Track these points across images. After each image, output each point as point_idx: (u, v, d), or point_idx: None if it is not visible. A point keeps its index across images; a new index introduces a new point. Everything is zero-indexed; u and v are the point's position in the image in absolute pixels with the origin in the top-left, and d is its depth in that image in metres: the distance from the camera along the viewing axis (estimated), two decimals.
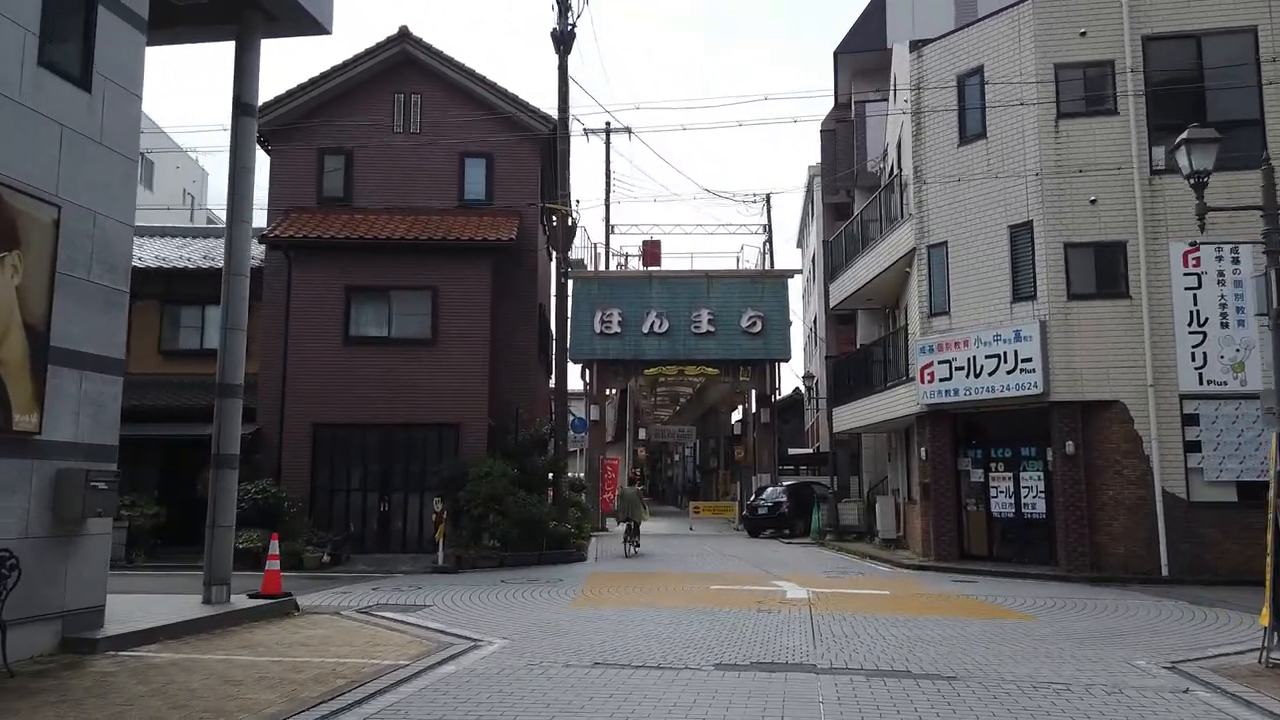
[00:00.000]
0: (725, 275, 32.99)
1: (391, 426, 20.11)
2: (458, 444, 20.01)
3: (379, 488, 20.16)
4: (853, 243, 24.69)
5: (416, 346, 20.25)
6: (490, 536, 18.86)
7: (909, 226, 19.81)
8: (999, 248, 18.06)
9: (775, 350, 31.95)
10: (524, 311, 21.57)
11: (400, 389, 19.96)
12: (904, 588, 15.10)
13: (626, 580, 15.82)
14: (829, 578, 16.48)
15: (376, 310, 20.43)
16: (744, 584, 15.11)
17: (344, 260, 20.27)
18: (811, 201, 42.08)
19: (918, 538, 20.23)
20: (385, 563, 18.67)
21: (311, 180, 21.43)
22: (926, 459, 19.19)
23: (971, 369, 18.08)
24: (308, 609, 12.04)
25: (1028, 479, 18.13)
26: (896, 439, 23.79)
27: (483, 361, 20.24)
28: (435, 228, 20.60)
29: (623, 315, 32.00)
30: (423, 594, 13.78)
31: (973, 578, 16.81)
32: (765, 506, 28.35)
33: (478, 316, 20.35)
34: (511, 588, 14.63)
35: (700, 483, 55.70)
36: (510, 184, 21.73)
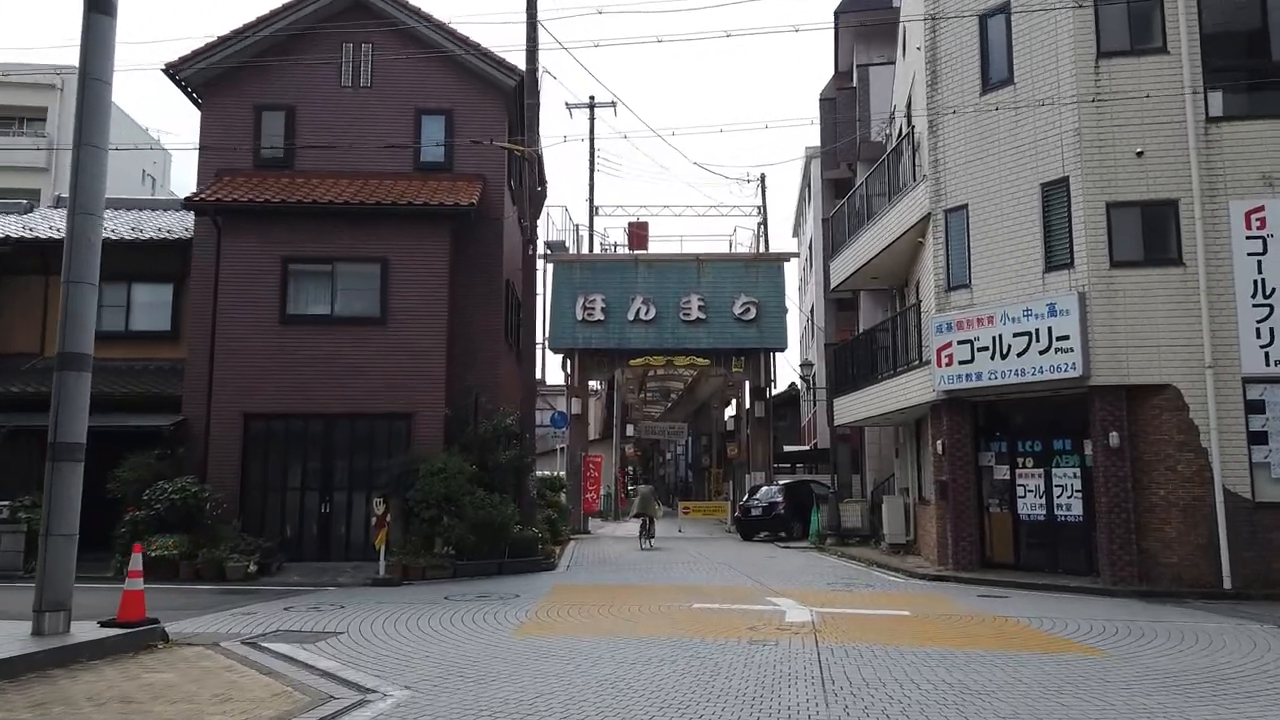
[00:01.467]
0: (717, 259, 30.36)
1: (335, 417, 17.46)
2: (410, 437, 17.35)
3: (320, 487, 17.49)
4: (855, 218, 22.12)
5: (364, 326, 17.59)
6: (444, 543, 16.23)
7: (923, 189, 17.20)
8: (1029, 209, 15.46)
9: (770, 339, 29.31)
10: (489, 288, 18.93)
11: (345, 374, 17.31)
12: (925, 605, 12.49)
13: (594, 595, 13.20)
14: (834, 592, 13.87)
15: (318, 285, 17.76)
16: (734, 601, 12.50)
17: (281, 228, 17.60)
18: (808, 186, 39.54)
19: (931, 543, 17.64)
20: (323, 573, 16.01)
21: (247, 140, 18.73)
22: (943, 453, 16.58)
23: (997, 349, 15.47)
24: (184, 638, 9.41)
25: (1061, 476, 15.53)
26: (905, 432, 21.18)
27: (439, 343, 17.60)
28: (386, 192, 17.96)
29: (606, 302, 29.36)
30: (343, 615, 11.15)
31: (1001, 591, 14.21)
32: (759, 507, 25.72)
33: (434, 293, 17.70)
34: (455, 606, 12.00)
35: (692, 482, 53.06)
36: (473, 146, 19.08)
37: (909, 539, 20.03)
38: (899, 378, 18.42)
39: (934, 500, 17.23)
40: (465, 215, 17.80)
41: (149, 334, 19.23)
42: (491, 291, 18.98)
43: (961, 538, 16.22)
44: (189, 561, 15.56)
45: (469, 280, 18.74)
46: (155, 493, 16.09)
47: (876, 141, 24.11)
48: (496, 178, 19.13)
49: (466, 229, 18.41)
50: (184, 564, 15.54)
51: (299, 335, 17.46)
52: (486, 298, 18.88)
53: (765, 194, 33.79)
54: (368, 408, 17.39)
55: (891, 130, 22.45)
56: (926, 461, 18.92)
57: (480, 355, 18.64)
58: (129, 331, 19.24)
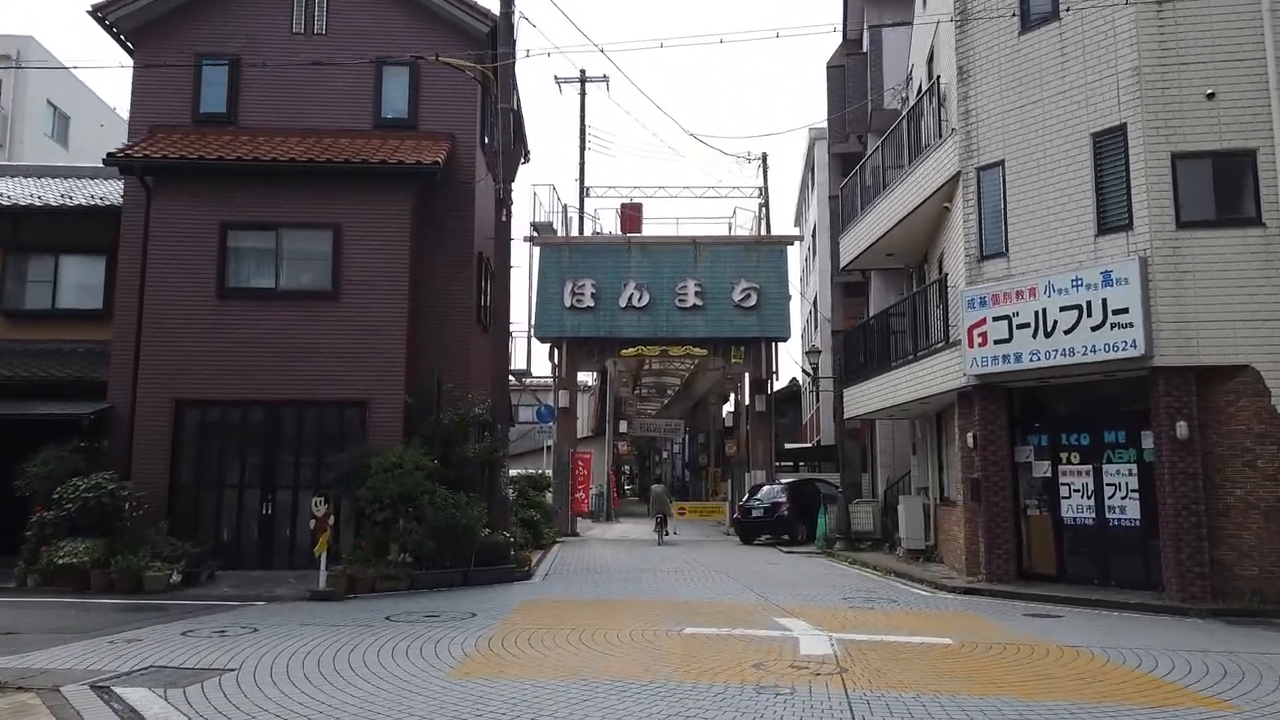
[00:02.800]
0: (715, 242, 28.02)
1: (279, 404, 15.13)
2: (365, 427, 15.04)
3: (262, 484, 15.14)
4: (867, 191, 19.81)
5: (313, 301, 15.27)
6: (400, 549, 13.91)
7: (951, 145, 14.89)
8: (1078, 163, 13.16)
9: (772, 327, 26.97)
10: (458, 261, 16.60)
11: (292, 356, 14.99)
12: (967, 629, 10.17)
13: (567, 615, 10.87)
14: (853, 610, 11.55)
15: (261, 254, 15.43)
16: (734, 622, 10.18)
17: (220, 189, 15.27)
18: (811, 172, 37.26)
19: (958, 549, 15.33)
20: (259, 584, 13.69)
21: (187, 94, 16.40)
22: (975, 447, 14.27)
23: (1040, 325, 13.16)
24: (24, 677, 7.11)
25: (1115, 474, 13.22)
26: (925, 426, 18.86)
27: (399, 321, 15.28)
28: (341, 150, 15.63)
29: (597, 287, 27.02)
30: (248, 644, 8.82)
31: (1051, 608, 11.89)
32: (761, 508, 23.38)
33: (394, 264, 15.38)
34: (392, 631, 9.68)
35: (689, 481, 50.73)
36: (441, 101, 16.75)
37: (929, 544, 17.71)
38: (920, 363, 16.11)
39: (962, 501, 14.93)
40: (429, 176, 15.49)
41: (79, 312, 16.88)
42: (461, 264, 16.65)
43: (996, 544, 13.90)
44: (102, 570, 13.22)
45: (435, 251, 16.43)
46: (67, 491, 13.79)
47: (890, 110, 21.78)
48: (467, 137, 16.81)
49: (432, 193, 16.11)
50: (96, 573, 13.20)
51: (239, 311, 15.14)
52: (455, 271, 16.56)
53: (767, 174, 31.45)
54: (317, 394, 15.08)
55: (909, 93, 20.14)
56: (950, 458, 16.62)
57: (448, 336, 16.32)
58: (56, 310, 16.96)
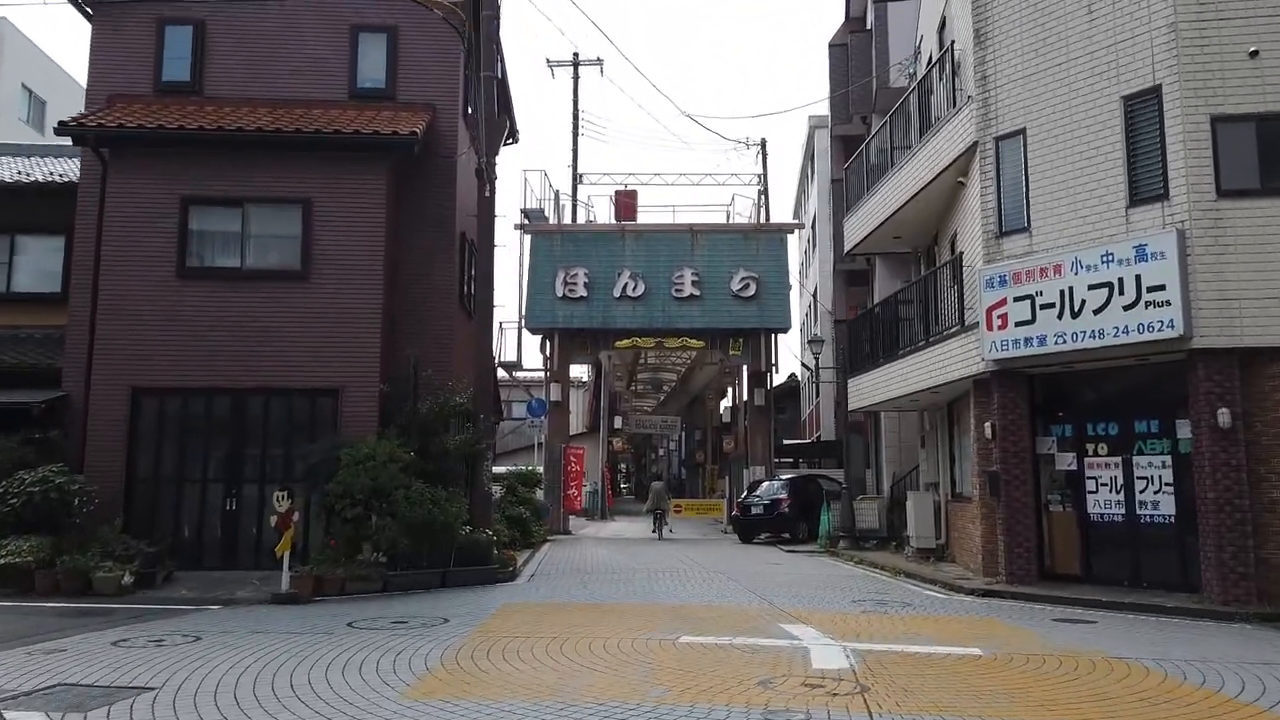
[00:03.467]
0: (713, 230, 26.93)
1: (245, 392, 14.03)
2: (338, 417, 13.94)
3: (226, 478, 14.04)
4: (873, 172, 18.75)
5: (282, 282, 14.16)
6: (373, 548, 12.81)
7: (967, 115, 13.80)
8: (1107, 129, 12.08)
9: (772, 318, 25.90)
10: (439, 241, 15.49)
11: (258, 341, 13.89)
12: (993, 636, 9.08)
13: (549, 621, 9.77)
14: (865, 615, 10.46)
15: (226, 232, 14.32)
16: (736, 630, 9.08)
17: (181, 162, 14.16)
18: (811, 162, 36.19)
19: (973, 548, 14.25)
20: (219, 585, 12.58)
21: (149, 62, 15.28)
22: (993, 438, 13.19)
23: (1066, 305, 12.07)
24: None
25: (1146, 466, 12.14)
26: (935, 417, 17.77)
27: (374, 304, 14.18)
28: (312, 121, 14.52)
29: (590, 277, 25.94)
30: (183, 656, 7.72)
31: (1081, 612, 10.81)
32: (761, 505, 22.28)
33: (369, 242, 14.27)
34: (352, 640, 8.57)
35: (686, 479, 49.64)
36: (420, 71, 15.64)
37: (939, 543, 16.62)
38: (932, 349, 15.02)
39: (978, 497, 13.84)
40: (407, 148, 14.38)
41: (36, 296, 15.79)
42: (442, 245, 15.54)
43: (1016, 543, 12.82)
44: (47, 570, 12.09)
45: (414, 230, 15.32)
46: (12, 485, 12.67)
47: (896, 88, 20.72)
48: (449, 109, 15.69)
49: (411, 168, 15.01)
50: (40, 574, 12.06)
51: (202, 292, 14.03)
52: (435, 252, 15.45)
53: (766, 161, 30.33)
54: (286, 381, 13.97)
55: (916, 67, 19.06)
56: (964, 450, 15.55)
57: (428, 320, 15.20)
58: (10, 293, 15.85)
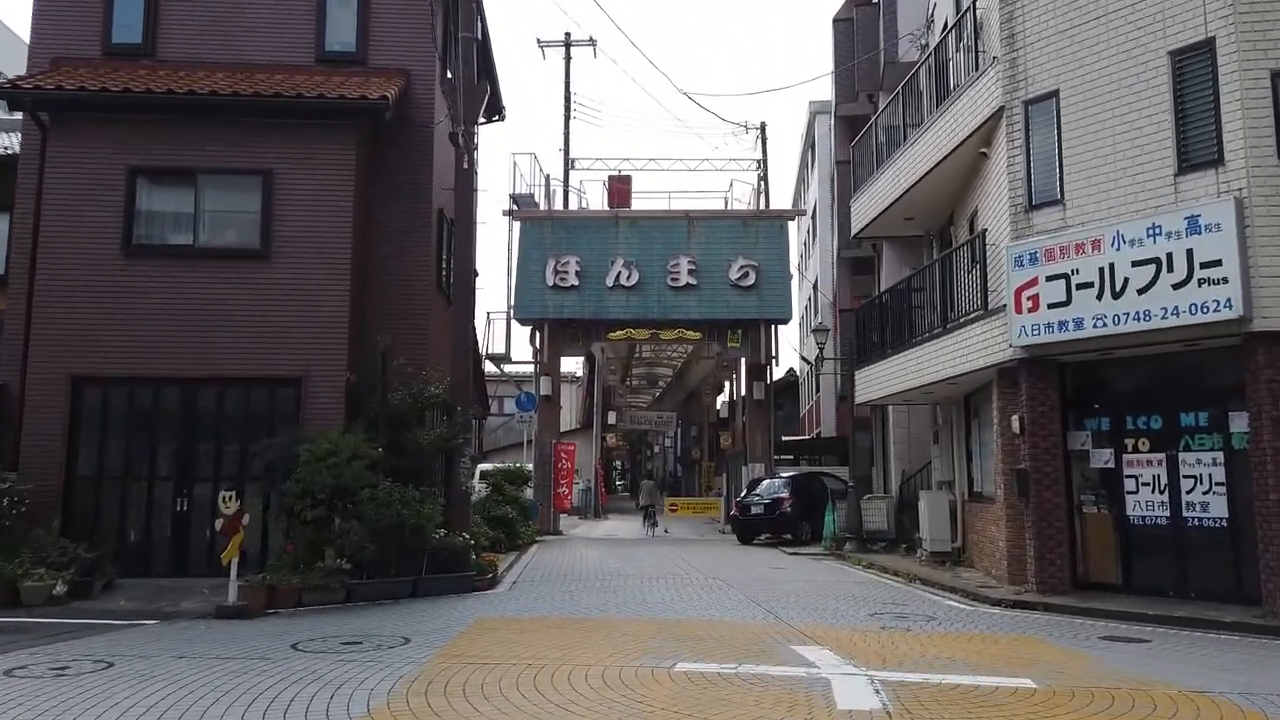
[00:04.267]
0: (710, 216, 25.64)
1: (198, 383, 12.71)
2: (301, 410, 12.63)
3: (176, 476, 12.71)
4: (881, 150, 17.48)
5: (240, 261, 12.86)
6: (336, 554, 11.50)
7: (992, 77, 12.51)
8: (1152, 88, 10.79)
9: (772, 308, 24.63)
10: (413, 218, 14.17)
11: (213, 326, 12.58)
12: (1041, 660, 7.80)
13: (525, 641, 8.48)
14: (887, 633, 9.17)
15: (178, 206, 12.99)
16: (740, 654, 7.80)
17: (128, 130, 12.83)
18: (811, 149, 34.94)
19: (997, 553, 12.98)
20: (165, 595, 11.28)
21: (96, 21, 13.93)
22: (1021, 433, 11.91)
23: (1106, 284, 10.79)
24: None
25: (1194, 464, 10.87)
26: (950, 411, 16.48)
27: (341, 285, 12.87)
28: (274, 86, 13.19)
29: (582, 265, 24.65)
30: (82, 688, 6.42)
31: (1129, 628, 9.54)
32: (761, 504, 21.00)
33: (336, 218, 12.97)
34: (291, 666, 7.27)
35: (681, 476, 48.36)
36: (394, 33, 14.31)
37: (955, 546, 15.35)
38: (950, 337, 13.73)
39: (1002, 497, 12.56)
40: (377, 114, 13.06)
41: None
42: (417, 222, 14.22)
43: (1048, 548, 11.55)
44: None
45: (387, 207, 14.01)
46: None
47: (905, 63, 19.42)
48: (425, 74, 14.36)
49: (383, 138, 13.70)
50: None
51: (151, 272, 12.70)
52: (410, 230, 14.13)
53: (766, 145, 29.05)
54: (243, 370, 12.66)
55: (929, 37, 17.77)
56: (984, 446, 14.29)
57: (402, 304, 13.89)
58: None
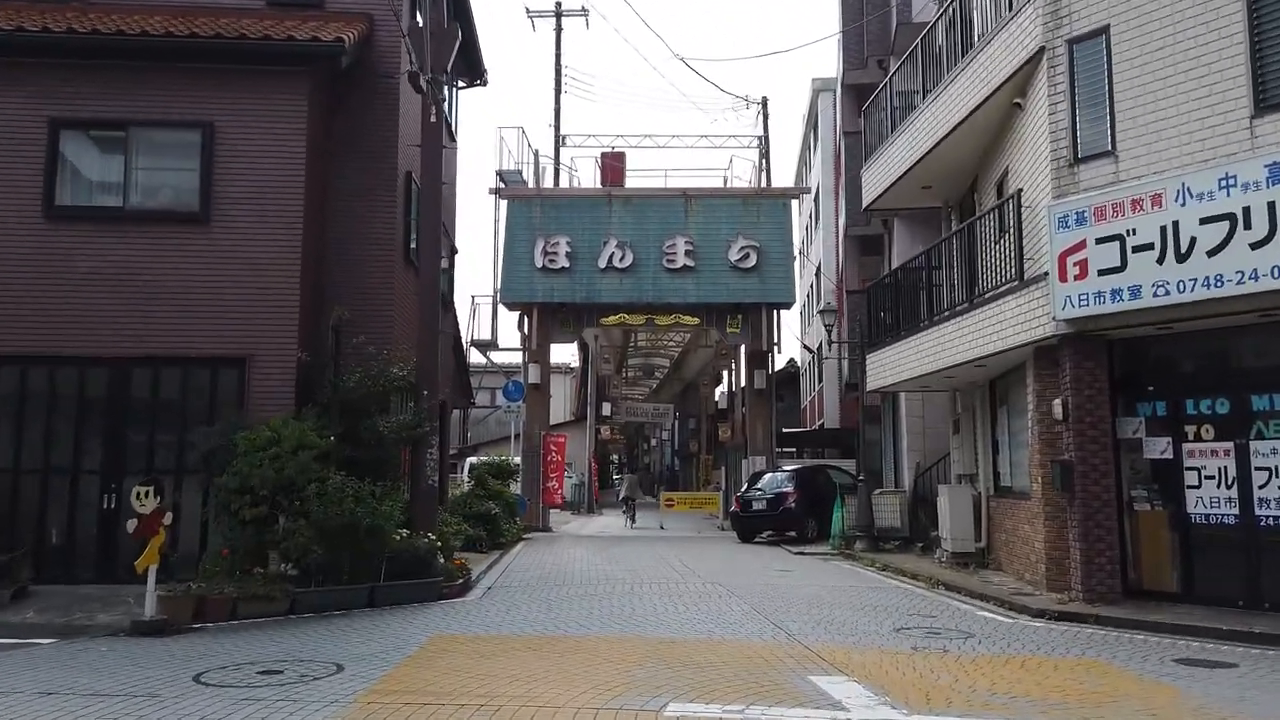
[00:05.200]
0: (709, 194, 24.14)
1: (129, 362, 11.17)
2: (245, 393, 11.10)
3: (104, 469, 11.18)
4: (895, 114, 15.94)
5: (177, 226, 11.31)
6: (281, 557, 9.98)
7: (1030, 14, 10.93)
8: (1221, 18, 9.25)
9: (774, 291, 23.14)
10: (377, 180, 12.62)
11: (146, 297, 11.06)
12: (1123, 696, 6.28)
13: (486, 667, 6.96)
14: (921, 655, 7.65)
15: (106, 163, 11.47)
16: (747, 686, 6.27)
17: (51, 77, 11.28)
18: (814, 128, 33.39)
19: (1031, 555, 11.46)
20: (86, 603, 9.77)
21: None
22: (1065, 419, 10.38)
23: (1170, 246, 9.25)
24: None
25: (1269, 453, 9.33)
26: (973, 397, 14.94)
27: (292, 253, 11.33)
28: (214, 26, 11.63)
29: (572, 246, 23.16)
30: None
31: (1200, 645, 8.02)
32: (764, 499, 19.48)
33: (286, 178, 11.42)
34: (182, 707, 5.74)
35: (679, 470, 46.86)
36: None
37: (979, 546, 13.84)
38: (978, 313, 12.18)
39: (1039, 492, 11.04)
40: (332, 60, 11.51)
41: None
42: (381, 185, 12.67)
43: (1097, 551, 10.02)
44: None
45: (347, 167, 12.48)
46: None
47: (919, 23, 17.86)
48: (390, 19, 12.75)
49: (342, 90, 12.16)
50: None
51: (75, 237, 11.16)
52: (373, 193, 12.59)
53: (767, 121, 27.48)
54: (181, 348, 11.12)
55: None
56: (1012, 436, 12.77)
57: (362, 277, 12.36)
58: None
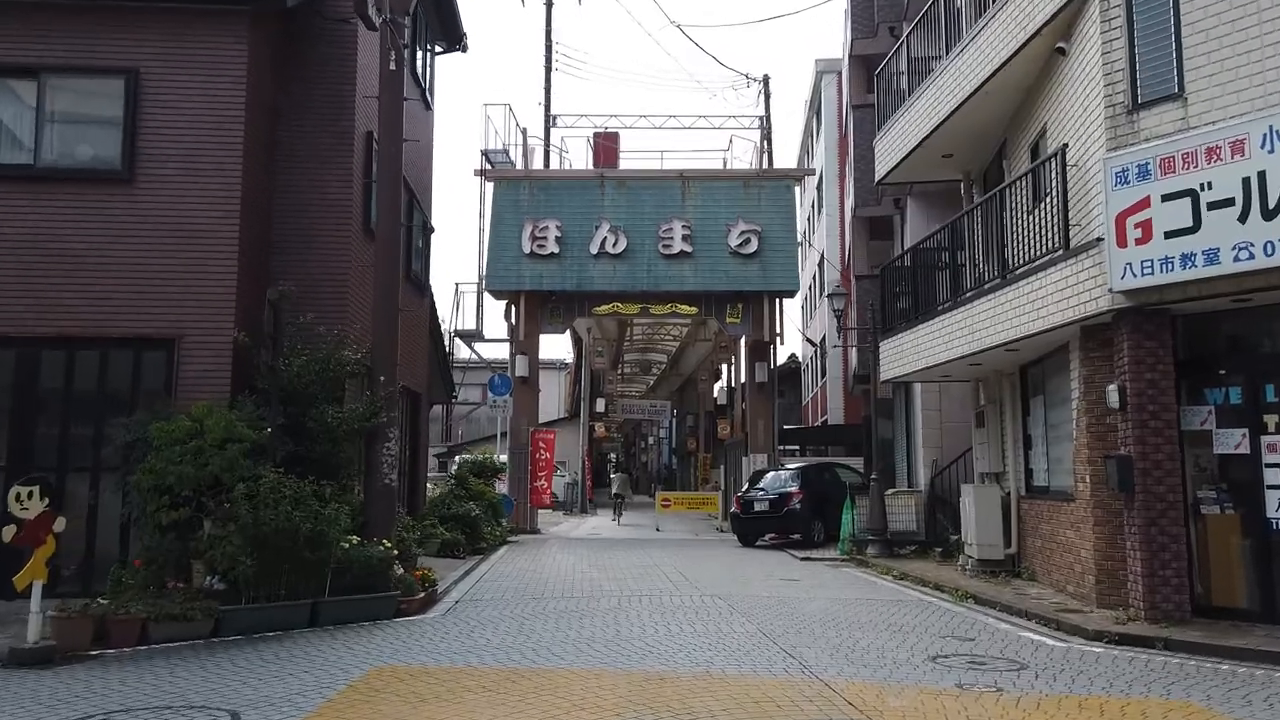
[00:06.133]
0: (707, 176, 22.64)
1: (38, 343, 9.66)
2: (173, 378, 9.60)
3: (8, 465, 9.65)
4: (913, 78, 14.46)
5: (96, 185, 9.80)
6: (208, 569, 8.48)
7: None
8: None
9: (777, 279, 21.64)
10: (332, 137, 11.10)
11: (59, 268, 9.55)
12: None
13: (425, 715, 5.47)
14: (970, 695, 6.15)
15: (15, 114, 9.93)
16: None
17: None
18: (818, 113, 31.92)
19: (1076, 565, 9.97)
20: None
21: None
22: (1122, 408, 8.89)
23: (1254, 201, 7.75)
24: None
25: None
26: (1000, 386, 13.39)
27: (229, 219, 9.83)
28: None
29: (562, 230, 21.67)
30: None
31: None
32: (766, 500, 17.95)
33: (223, 132, 9.92)
34: None
35: (676, 468, 45.36)
36: None
37: (1009, 553, 12.34)
38: (1013, 289, 10.65)
39: (1087, 492, 9.54)
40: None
41: None
42: (337, 145, 11.15)
43: (1162, 562, 8.53)
44: None
45: (298, 124, 10.97)
46: None
47: None
48: None
49: (292, 36, 10.64)
50: None
51: None
52: (327, 154, 11.07)
53: (769, 100, 26.00)
54: (99, 327, 9.62)
55: None
56: (1051, 429, 11.27)
57: (314, 247, 10.85)
58: None
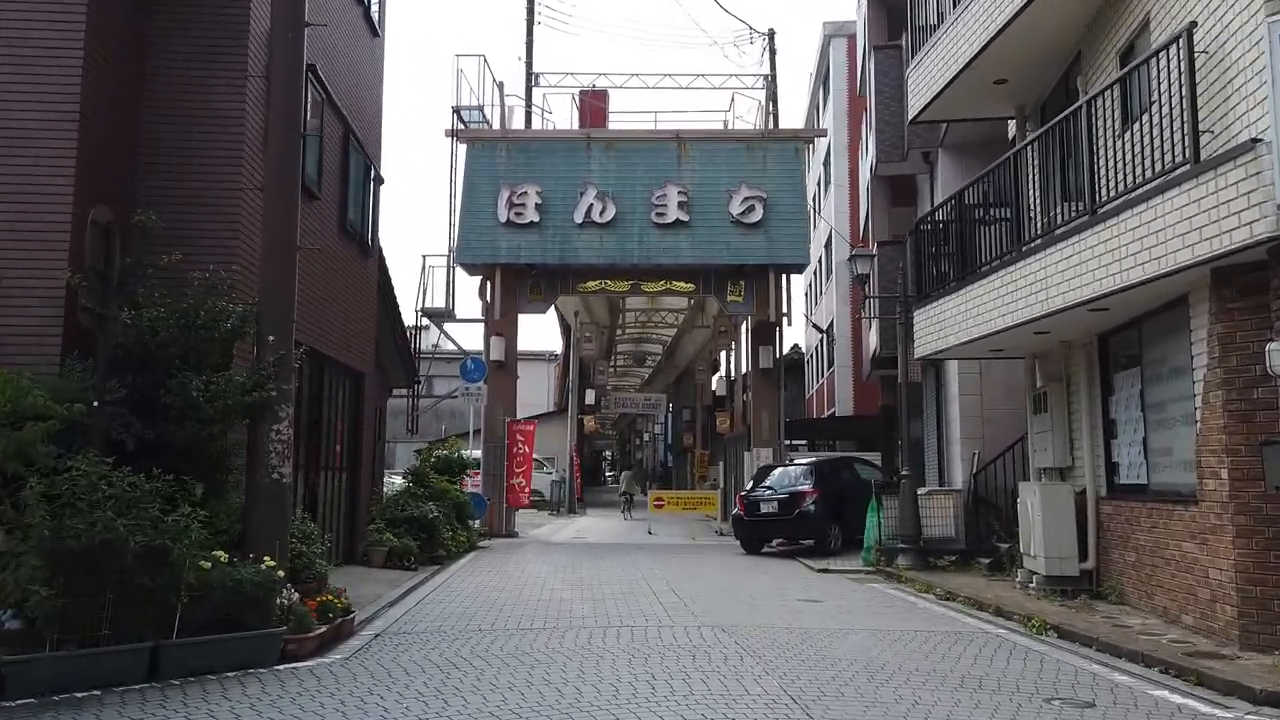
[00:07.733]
0: (706, 137, 20.10)
1: None
2: None
3: None
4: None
5: None
6: None
7: None
8: None
9: (783, 250, 19.12)
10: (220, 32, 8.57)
11: None
12: None
13: None
14: None
15: None
16: None
17: None
18: (825, 81, 29.49)
19: (1198, 588, 7.47)
20: None
21: None
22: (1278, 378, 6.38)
23: None
24: None
25: None
26: (1067, 361, 10.78)
27: (65, 126, 7.34)
28: None
29: (543, 196, 19.17)
30: None
31: None
32: (774, 501, 15.38)
33: (58, 11, 7.43)
34: None
35: (673, 466, 42.84)
36: None
37: (1085, 567, 9.81)
38: (1106, 228, 8.03)
39: (1225, 492, 7.03)
40: None
41: None
42: (226, 40, 8.59)
43: None
44: None
45: (176, 18, 8.45)
46: None
47: None
48: None
49: None
50: None
51: None
52: (215, 54, 8.53)
53: (774, 57, 23.41)
54: None
55: None
56: (1149, 411, 8.74)
57: (194, 171, 8.31)
58: None
